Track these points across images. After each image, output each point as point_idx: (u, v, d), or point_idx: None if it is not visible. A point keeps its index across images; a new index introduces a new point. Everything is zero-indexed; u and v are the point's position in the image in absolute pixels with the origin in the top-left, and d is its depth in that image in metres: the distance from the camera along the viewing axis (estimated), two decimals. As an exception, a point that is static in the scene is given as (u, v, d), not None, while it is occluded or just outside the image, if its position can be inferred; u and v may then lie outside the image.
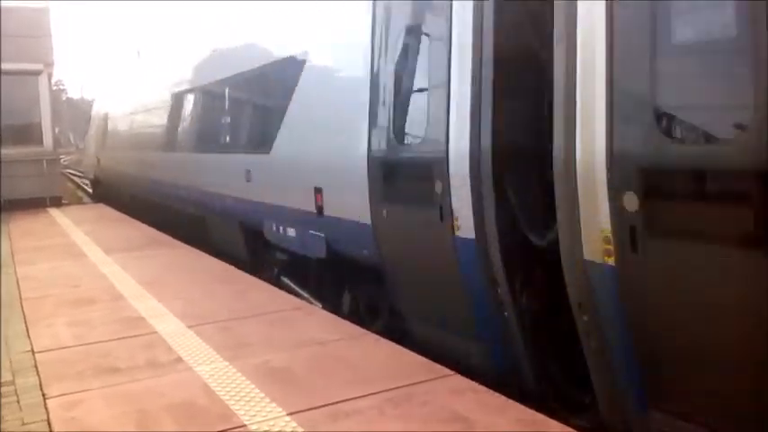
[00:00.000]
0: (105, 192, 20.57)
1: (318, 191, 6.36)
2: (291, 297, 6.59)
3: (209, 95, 10.50)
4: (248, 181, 8.18)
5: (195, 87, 11.26)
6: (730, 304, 2.87)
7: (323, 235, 6.42)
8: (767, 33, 2.62)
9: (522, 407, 3.78)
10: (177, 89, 12.24)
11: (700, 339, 3.03)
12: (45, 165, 17.32)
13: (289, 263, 7.77)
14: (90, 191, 27.38)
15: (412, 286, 5.34)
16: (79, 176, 34.71)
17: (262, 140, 7.89)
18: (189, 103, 11.44)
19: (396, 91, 5.28)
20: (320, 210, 6.36)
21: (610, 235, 3.31)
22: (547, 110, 3.82)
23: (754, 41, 2.71)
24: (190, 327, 5.55)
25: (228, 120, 9.48)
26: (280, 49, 7.83)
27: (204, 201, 10.32)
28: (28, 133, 17.19)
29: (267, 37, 8.58)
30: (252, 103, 9.00)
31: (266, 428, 3.58)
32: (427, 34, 5.10)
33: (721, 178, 2.90)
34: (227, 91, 9.51)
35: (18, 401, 4.16)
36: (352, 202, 5.77)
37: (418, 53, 5.16)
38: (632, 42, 3.22)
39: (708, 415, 3.12)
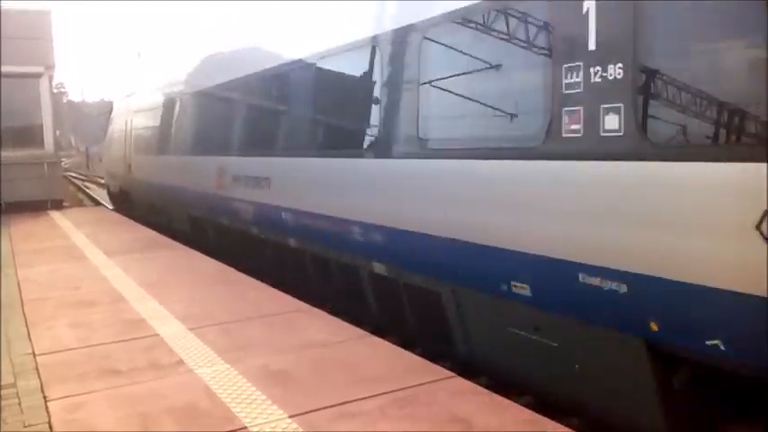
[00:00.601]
0: (139, 210, 16.19)
1: None
2: (292, 298, 6.55)
3: None
4: None
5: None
6: None
7: None
8: None
9: (522, 408, 3.80)
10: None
11: None
12: (46, 167, 17.32)
13: None
14: (90, 193, 27.38)
15: None
16: (81, 180, 34.69)
17: None
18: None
19: None
20: None
21: None
22: None
23: None
24: (191, 329, 5.56)
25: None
26: None
27: (442, 255, 5.31)
28: (29, 136, 17.18)
29: None
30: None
31: (268, 431, 3.59)
32: None
33: None
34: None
35: (19, 404, 4.15)
36: None
37: None
38: None
39: None
